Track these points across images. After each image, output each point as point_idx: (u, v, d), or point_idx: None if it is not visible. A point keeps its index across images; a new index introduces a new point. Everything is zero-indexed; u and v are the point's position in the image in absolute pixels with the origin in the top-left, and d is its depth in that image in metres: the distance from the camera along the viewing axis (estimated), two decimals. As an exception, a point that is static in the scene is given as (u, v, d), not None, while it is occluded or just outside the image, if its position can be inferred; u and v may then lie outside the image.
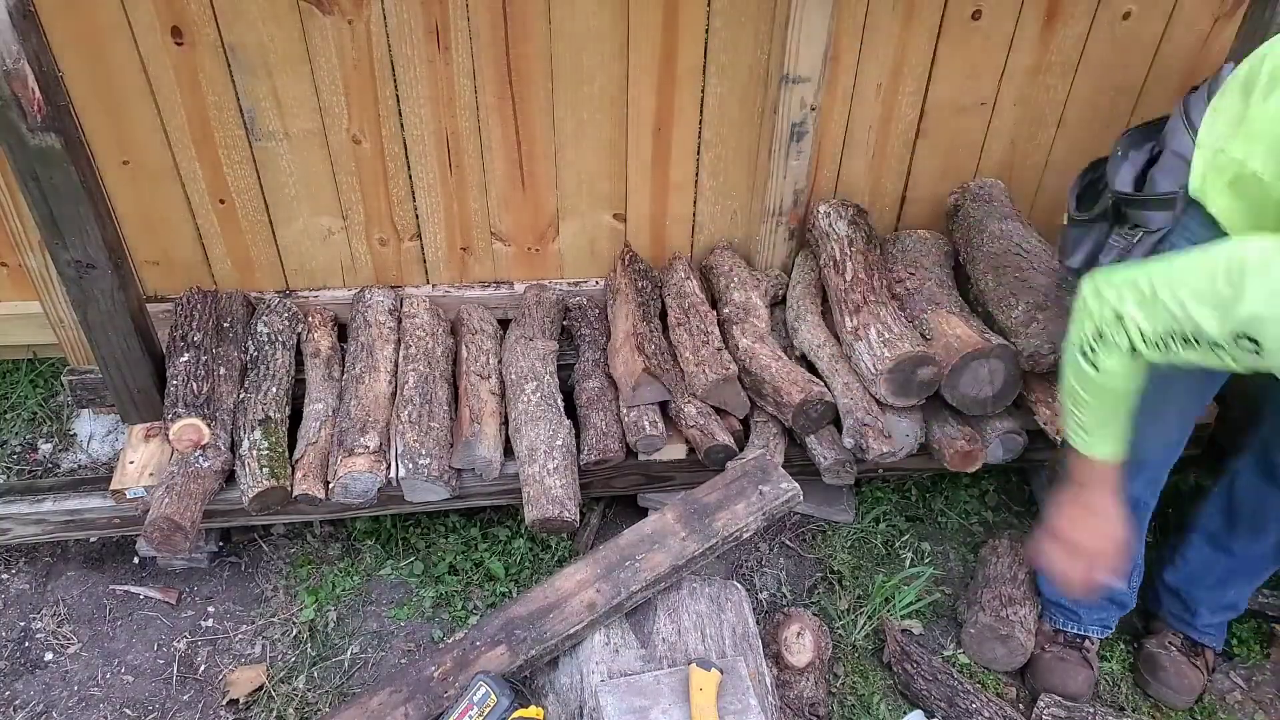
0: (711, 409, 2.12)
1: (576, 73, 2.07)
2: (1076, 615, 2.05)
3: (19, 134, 1.64)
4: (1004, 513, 2.45)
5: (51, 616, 2.12)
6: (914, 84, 2.21)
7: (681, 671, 1.67)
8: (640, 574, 1.77)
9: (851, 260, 2.22)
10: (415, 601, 2.17)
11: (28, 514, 2.06)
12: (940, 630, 2.18)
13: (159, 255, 2.25)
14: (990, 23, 2.13)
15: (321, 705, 1.97)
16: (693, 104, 2.16)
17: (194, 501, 1.89)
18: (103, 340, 1.96)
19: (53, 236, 1.79)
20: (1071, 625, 2.06)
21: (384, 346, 2.19)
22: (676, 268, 2.37)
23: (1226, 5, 2.17)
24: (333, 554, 2.26)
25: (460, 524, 2.31)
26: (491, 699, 1.61)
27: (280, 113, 2.04)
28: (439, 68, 2.02)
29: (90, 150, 1.94)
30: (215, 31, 1.91)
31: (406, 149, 2.14)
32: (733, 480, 1.91)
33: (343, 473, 1.93)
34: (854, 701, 2.02)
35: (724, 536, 1.82)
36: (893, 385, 2.06)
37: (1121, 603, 2.04)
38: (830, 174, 2.34)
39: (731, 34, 2.06)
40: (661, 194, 2.31)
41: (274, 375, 2.12)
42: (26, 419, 2.51)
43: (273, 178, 2.15)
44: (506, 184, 2.24)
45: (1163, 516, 2.45)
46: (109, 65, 1.93)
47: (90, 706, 1.97)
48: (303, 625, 2.11)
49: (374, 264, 2.34)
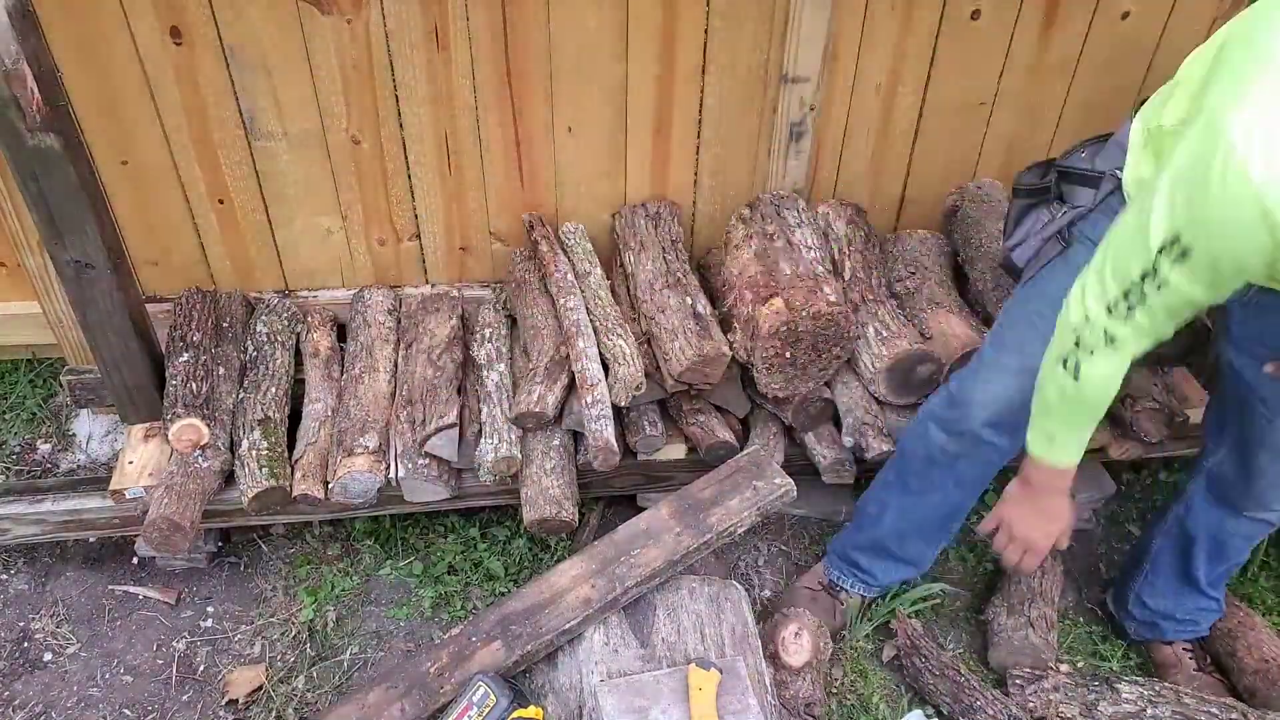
0: (713, 406, 2.12)
1: (576, 73, 2.07)
2: (871, 576, 2.06)
3: (18, 134, 1.64)
4: (1003, 513, 2.45)
5: (50, 617, 2.12)
6: (913, 84, 2.21)
7: (681, 671, 1.67)
8: (635, 569, 1.77)
9: (850, 259, 2.22)
10: (414, 601, 2.17)
11: (27, 514, 2.06)
12: (940, 630, 2.18)
13: (158, 255, 2.25)
14: (989, 22, 2.13)
15: (321, 705, 1.97)
16: (692, 104, 2.16)
17: (193, 502, 1.89)
18: (102, 340, 1.96)
19: (52, 236, 1.79)
20: (856, 585, 2.08)
21: (383, 346, 2.19)
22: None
23: (1225, 5, 2.17)
24: (332, 554, 2.26)
25: (459, 524, 2.31)
26: (491, 699, 1.61)
27: (279, 113, 2.05)
28: (438, 68, 2.02)
29: (89, 150, 1.94)
30: (214, 31, 1.91)
31: (406, 149, 2.14)
32: (727, 476, 1.91)
33: (342, 473, 1.93)
34: (853, 701, 2.02)
35: (719, 532, 1.82)
36: (892, 383, 2.06)
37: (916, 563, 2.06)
38: (830, 174, 2.34)
39: (731, 34, 2.06)
40: (661, 194, 2.31)
41: (273, 375, 2.12)
42: (26, 419, 2.51)
43: (272, 178, 2.15)
44: (506, 184, 2.24)
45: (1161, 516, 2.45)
46: (108, 65, 1.93)
47: (89, 707, 1.97)
48: (302, 625, 2.11)
49: (373, 264, 2.34)
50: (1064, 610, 2.22)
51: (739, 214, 2.24)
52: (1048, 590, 2.13)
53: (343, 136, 2.10)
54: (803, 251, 2.10)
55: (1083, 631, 2.19)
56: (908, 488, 1.91)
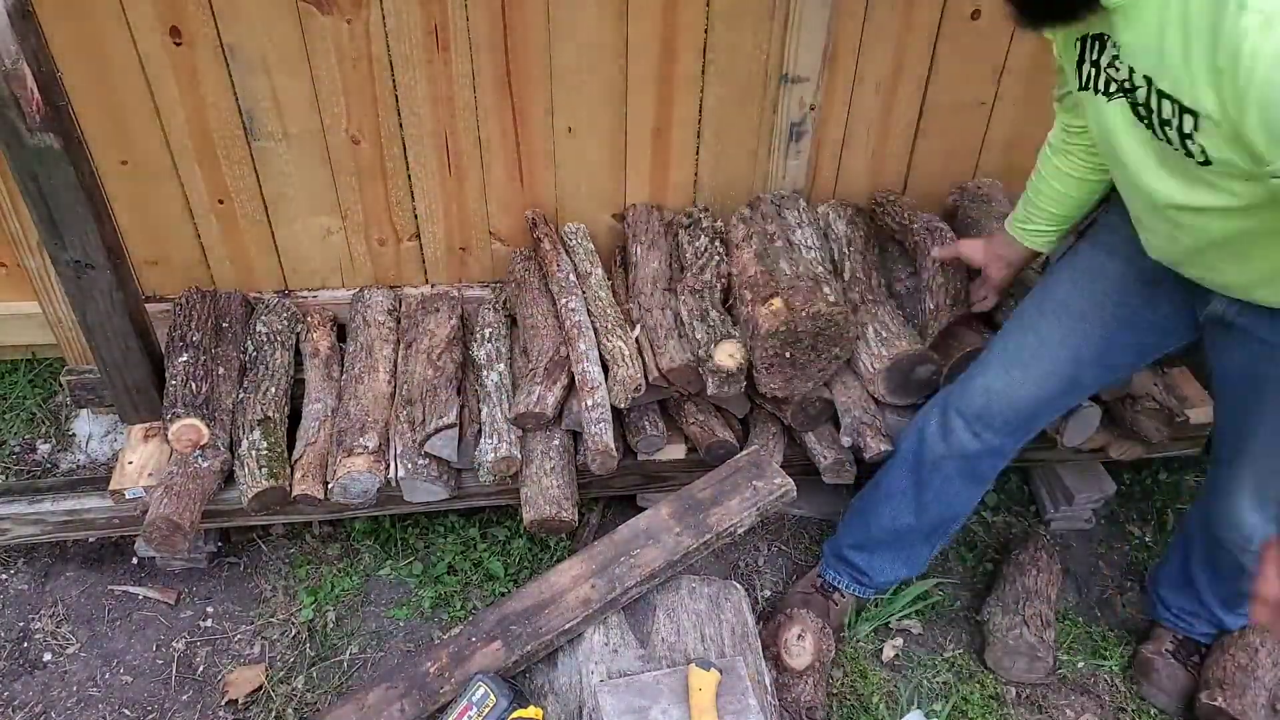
0: (713, 406, 2.12)
1: (575, 73, 2.07)
2: (866, 576, 2.06)
3: (18, 134, 1.64)
4: (1004, 513, 2.45)
5: (50, 617, 2.12)
6: (913, 84, 2.21)
7: (681, 672, 1.67)
8: (635, 569, 1.77)
9: (850, 260, 2.22)
10: (414, 602, 2.17)
11: (27, 514, 2.06)
12: (940, 630, 2.18)
13: (158, 255, 2.25)
14: (989, 22, 2.13)
15: (320, 705, 1.97)
16: (692, 104, 2.16)
17: (193, 501, 1.89)
18: (101, 340, 1.96)
19: (51, 237, 1.79)
20: (852, 586, 2.08)
21: (383, 346, 2.19)
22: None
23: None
24: (331, 554, 2.26)
25: (459, 524, 2.31)
26: (490, 699, 1.61)
27: (279, 113, 2.05)
28: (438, 68, 2.02)
29: (89, 150, 1.95)
30: (214, 31, 1.91)
31: (405, 149, 2.14)
32: (727, 476, 1.91)
33: (342, 473, 1.93)
34: (853, 701, 2.02)
35: (718, 532, 1.82)
36: (890, 384, 2.06)
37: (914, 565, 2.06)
38: (830, 174, 2.34)
39: (731, 34, 2.06)
40: (661, 194, 2.31)
41: (273, 375, 2.12)
42: (25, 419, 2.51)
43: (271, 178, 2.15)
44: (505, 184, 2.24)
45: (1160, 516, 2.46)
46: (108, 65, 1.93)
47: (89, 707, 1.97)
48: (301, 625, 2.11)
49: (373, 264, 2.34)
50: (1064, 610, 2.22)
51: (739, 214, 2.24)
52: (1043, 588, 2.13)
53: (343, 136, 2.10)
54: (803, 251, 2.10)
55: (1082, 631, 2.19)
56: (906, 489, 1.91)
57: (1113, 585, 2.31)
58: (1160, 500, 2.49)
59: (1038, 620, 2.06)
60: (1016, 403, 1.75)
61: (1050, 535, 2.39)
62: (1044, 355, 1.72)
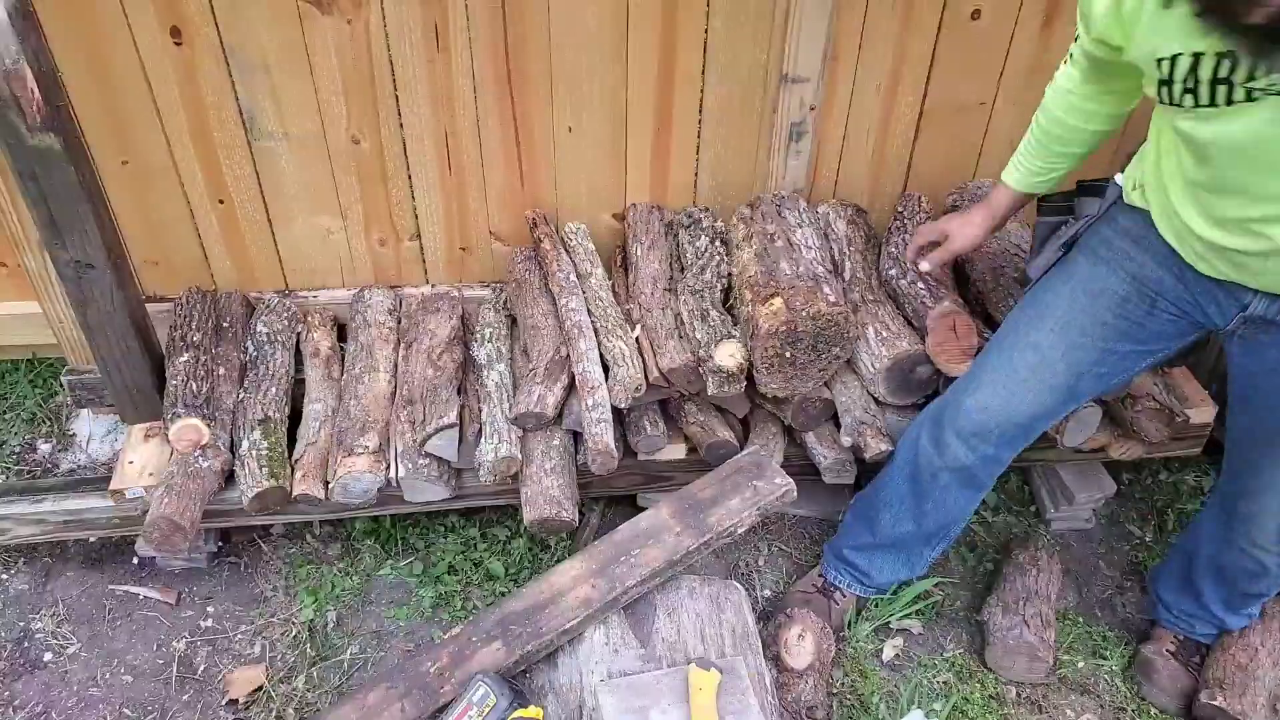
0: (713, 406, 2.13)
1: (576, 73, 2.07)
2: (867, 576, 2.06)
3: (18, 134, 1.64)
4: (1004, 513, 2.45)
5: (51, 617, 2.12)
6: (913, 84, 2.21)
7: (681, 672, 1.67)
8: (636, 569, 1.77)
9: (850, 260, 2.22)
10: (415, 601, 2.17)
11: (27, 514, 2.06)
12: (940, 630, 2.19)
13: (158, 255, 2.25)
14: (989, 23, 2.13)
15: (321, 705, 1.97)
16: (692, 104, 2.16)
17: (193, 501, 1.89)
18: (102, 340, 1.96)
19: (52, 237, 1.79)
20: (853, 586, 2.09)
21: (383, 346, 2.19)
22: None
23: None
24: (332, 554, 2.26)
25: (459, 524, 2.31)
26: (491, 699, 1.61)
27: (279, 113, 2.05)
28: (438, 68, 2.02)
29: (89, 150, 1.94)
30: (214, 31, 1.91)
31: (406, 149, 2.14)
32: (727, 476, 1.91)
33: (342, 473, 1.93)
34: (853, 701, 2.02)
35: (719, 532, 1.82)
36: (891, 384, 2.06)
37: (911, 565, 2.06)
38: (830, 174, 2.34)
39: (731, 34, 2.06)
40: (661, 194, 2.31)
41: (273, 375, 2.12)
42: (26, 419, 2.51)
43: (272, 178, 2.15)
44: (506, 184, 2.24)
45: (1160, 516, 2.46)
46: (108, 65, 1.93)
47: (89, 707, 1.97)
48: (302, 625, 2.11)
49: (373, 264, 2.34)
50: (1064, 610, 2.22)
51: (739, 214, 2.24)
52: (1043, 588, 2.13)
53: (343, 136, 2.10)
54: (803, 251, 2.10)
55: (1082, 631, 2.19)
56: (905, 496, 1.92)
57: (1113, 585, 2.31)
58: (1160, 500, 2.49)
59: (1038, 620, 2.06)
60: (1014, 417, 1.75)
61: (1050, 535, 2.40)
62: (1044, 372, 1.71)
